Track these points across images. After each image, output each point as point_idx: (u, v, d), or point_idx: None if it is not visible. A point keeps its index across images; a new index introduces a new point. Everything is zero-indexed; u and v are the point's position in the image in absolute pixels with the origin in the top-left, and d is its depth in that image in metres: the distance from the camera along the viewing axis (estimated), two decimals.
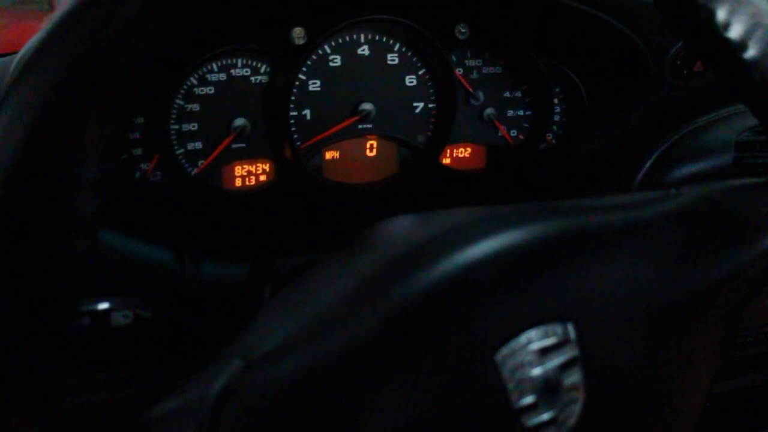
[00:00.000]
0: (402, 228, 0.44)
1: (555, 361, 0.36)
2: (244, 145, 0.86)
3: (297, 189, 0.88)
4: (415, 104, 0.90)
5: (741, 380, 1.07)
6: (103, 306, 0.62)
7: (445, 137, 0.90)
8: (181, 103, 0.82)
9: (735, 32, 0.48)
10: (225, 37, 0.81)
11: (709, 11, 0.48)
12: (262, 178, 0.89)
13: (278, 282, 0.77)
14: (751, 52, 0.48)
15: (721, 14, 0.48)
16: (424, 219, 0.44)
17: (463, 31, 0.87)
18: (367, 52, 0.86)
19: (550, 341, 0.36)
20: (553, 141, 0.97)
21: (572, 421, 0.36)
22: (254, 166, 0.88)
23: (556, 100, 0.95)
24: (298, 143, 0.87)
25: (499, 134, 0.95)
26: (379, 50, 0.87)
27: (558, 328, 0.37)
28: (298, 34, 0.80)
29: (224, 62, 0.83)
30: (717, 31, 0.48)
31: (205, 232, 0.87)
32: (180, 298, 0.79)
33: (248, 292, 0.78)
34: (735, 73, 0.50)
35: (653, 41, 0.87)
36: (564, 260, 0.40)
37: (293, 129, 0.86)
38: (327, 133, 0.87)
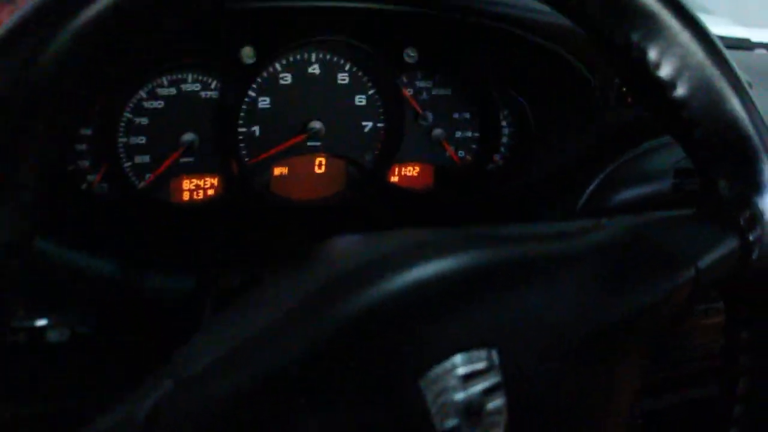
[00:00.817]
0: (335, 252, 0.45)
1: (479, 386, 0.37)
2: (192, 159, 0.86)
3: (244, 204, 0.89)
4: (363, 123, 0.91)
5: (682, 395, 1.10)
6: (40, 323, 0.62)
7: (393, 156, 0.92)
8: (130, 116, 0.82)
9: (665, 72, 0.50)
10: (175, 53, 0.81)
11: (640, 51, 0.50)
12: (210, 192, 0.89)
13: (220, 299, 0.78)
14: (679, 92, 0.50)
15: (652, 54, 0.50)
16: (359, 242, 0.45)
17: (411, 55, 0.88)
18: (317, 71, 0.87)
19: (474, 367, 0.37)
20: (500, 162, 0.99)
21: None
22: (202, 180, 0.88)
23: (504, 123, 0.97)
24: (246, 159, 0.87)
25: (447, 154, 0.96)
26: (330, 69, 0.88)
27: (483, 354, 0.37)
28: (248, 53, 0.81)
29: (174, 77, 0.83)
30: (648, 70, 0.50)
31: (150, 244, 0.87)
32: (122, 313, 0.80)
33: (190, 308, 0.79)
34: (664, 110, 0.52)
35: (599, 69, 0.89)
36: (491, 288, 0.41)
37: (242, 145, 0.87)
38: (275, 150, 0.88)
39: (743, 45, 1.52)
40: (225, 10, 0.74)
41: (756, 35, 1.55)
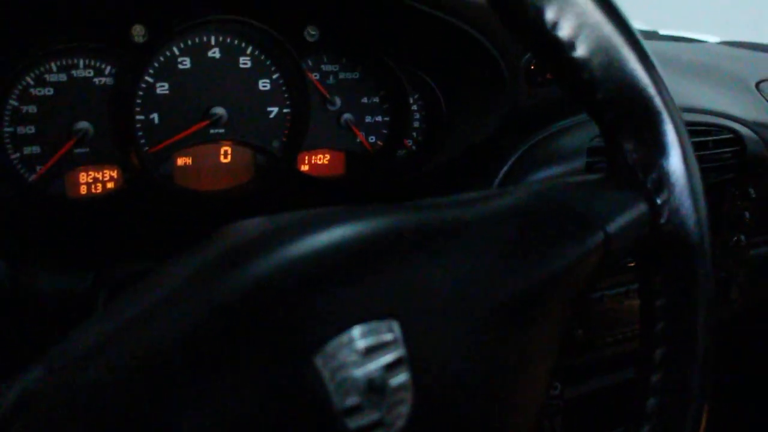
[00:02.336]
0: (237, 229, 0.42)
1: (380, 360, 0.34)
2: (87, 150, 0.82)
3: (146, 196, 0.85)
4: (269, 109, 0.88)
5: (603, 381, 1.09)
6: None
7: (300, 143, 0.89)
8: (16, 104, 0.78)
9: (563, 32, 0.49)
10: (62, 34, 0.77)
11: (537, 10, 0.48)
12: (110, 185, 0.85)
13: (111, 294, 0.73)
14: (579, 52, 0.49)
15: (549, 14, 0.48)
16: (251, 222, 0.42)
17: (312, 33, 0.86)
18: (218, 55, 0.84)
19: (375, 340, 0.34)
20: (413, 147, 0.97)
21: (401, 422, 0.34)
22: (100, 173, 0.84)
23: (414, 107, 0.95)
24: (146, 148, 0.83)
25: (358, 140, 0.94)
26: (231, 53, 0.85)
27: (383, 326, 0.35)
28: (138, 32, 0.78)
29: (64, 62, 0.79)
30: (546, 31, 0.49)
31: (44, 242, 0.82)
32: (10, 318, 0.75)
33: (85, 304, 0.74)
34: (566, 73, 0.50)
35: (507, 49, 0.88)
36: (389, 256, 0.38)
37: (140, 134, 0.83)
38: (176, 138, 0.84)
39: (651, 36, 1.55)
40: None
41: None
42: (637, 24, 0.49)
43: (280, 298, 0.35)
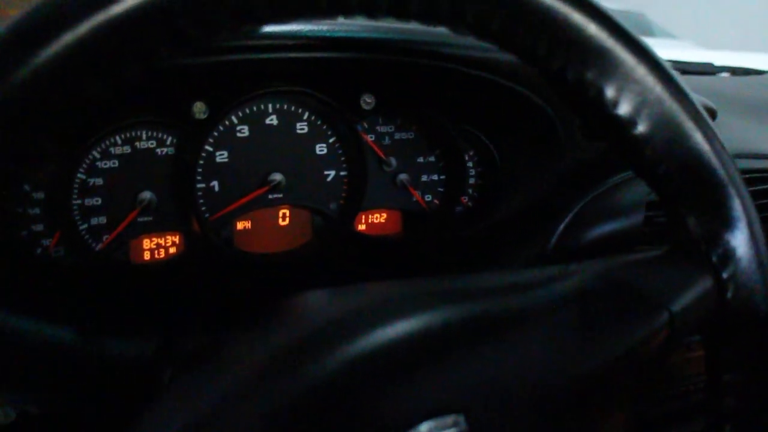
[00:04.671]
0: (297, 310, 0.44)
1: None
2: (151, 218, 0.84)
3: (207, 261, 0.86)
4: (326, 172, 0.89)
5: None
6: None
7: (358, 204, 0.90)
8: (83, 177, 0.80)
9: (623, 109, 0.48)
10: (127, 111, 0.79)
11: (597, 89, 0.48)
12: (172, 250, 0.87)
13: (180, 364, 0.75)
14: (640, 129, 0.49)
15: (609, 92, 0.48)
16: (322, 299, 0.44)
17: (368, 101, 0.87)
18: (275, 122, 0.86)
19: None
20: (469, 204, 0.97)
21: None
22: (163, 239, 0.86)
23: (469, 164, 0.95)
24: (207, 215, 0.85)
25: (414, 199, 0.94)
26: (288, 120, 0.86)
27: (449, 421, 0.36)
28: (199, 108, 0.80)
29: (128, 135, 0.81)
30: (606, 109, 0.49)
31: (110, 308, 0.85)
32: (76, 386, 0.76)
33: (150, 374, 0.76)
34: (626, 148, 0.50)
35: (560, 105, 0.88)
36: (456, 348, 0.39)
37: (201, 201, 0.84)
38: (236, 205, 0.85)
39: (707, 70, 1.52)
40: (173, 66, 0.73)
41: (719, 58, 1.56)
42: (689, 47, 0.49)
43: (353, 391, 0.35)
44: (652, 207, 0.92)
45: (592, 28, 0.46)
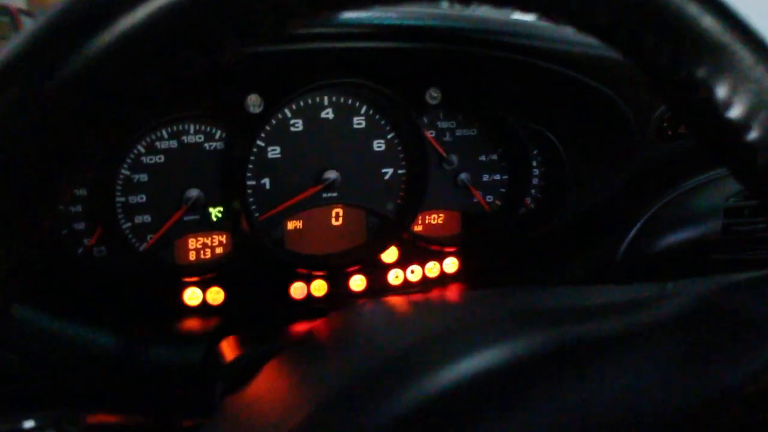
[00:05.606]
0: (376, 330, 0.42)
1: None
2: (197, 217, 0.79)
3: (256, 261, 0.81)
4: (384, 170, 0.83)
5: None
6: (27, 425, 0.54)
7: (417, 205, 0.84)
8: (128, 173, 0.75)
9: (736, 112, 0.43)
10: (176, 104, 0.74)
11: (707, 89, 0.43)
12: (219, 250, 0.82)
13: (232, 374, 0.70)
14: (753, 135, 0.43)
15: (721, 92, 0.42)
16: (404, 314, 0.42)
17: (434, 95, 0.81)
18: (331, 116, 0.80)
19: None
20: (532, 206, 0.91)
21: None
22: (209, 239, 0.81)
23: (534, 163, 0.89)
24: (257, 215, 0.80)
25: (475, 200, 0.89)
26: (344, 114, 0.81)
27: None
28: (254, 102, 0.74)
29: (175, 129, 0.76)
30: (716, 111, 0.43)
31: (154, 312, 0.80)
32: (124, 391, 0.72)
33: (200, 384, 0.71)
34: (735, 155, 0.44)
35: (636, 101, 0.82)
36: (549, 378, 0.36)
37: (251, 200, 0.79)
38: (288, 204, 0.80)
39: None
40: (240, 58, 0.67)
41: None
42: None
43: (444, 425, 0.33)
44: (731, 214, 0.85)
45: (708, 21, 0.40)
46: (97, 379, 0.71)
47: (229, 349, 0.72)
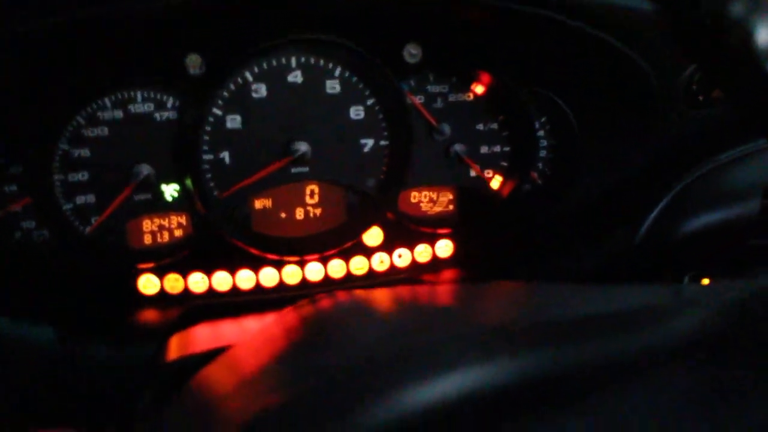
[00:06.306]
0: (352, 334, 0.38)
1: None
2: (149, 196, 0.70)
3: (220, 245, 0.72)
4: (362, 141, 0.73)
5: None
6: None
7: (401, 181, 0.74)
8: (66, 147, 0.66)
9: None
10: (113, 67, 0.64)
11: (745, 32, 0.36)
12: (177, 233, 0.73)
13: (167, 380, 0.61)
14: None
15: (762, 36, 0.36)
16: (384, 319, 0.39)
17: (413, 53, 0.70)
18: (299, 80, 0.70)
19: None
20: (539, 182, 0.80)
21: None
22: (166, 220, 0.72)
23: (541, 133, 0.78)
24: (215, 192, 0.70)
25: (472, 174, 0.77)
26: (316, 76, 0.70)
27: None
28: (194, 62, 0.64)
29: (120, 96, 0.67)
30: (757, 60, 0.36)
31: (105, 303, 0.72)
32: (58, 389, 0.64)
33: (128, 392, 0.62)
34: None
35: (658, 59, 0.69)
36: (550, 407, 0.31)
37: (209, 176, 0.70)
38: (250, 180, 0.70)
39: None
40: (162, 7, 0.57)
41: None
42: None
43: None
44: None
45: None
46: (34, 379, 0.64)
47: (176, 346, 0.64)
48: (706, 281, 0.76)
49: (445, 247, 0.80)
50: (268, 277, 0.75)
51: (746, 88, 0.38)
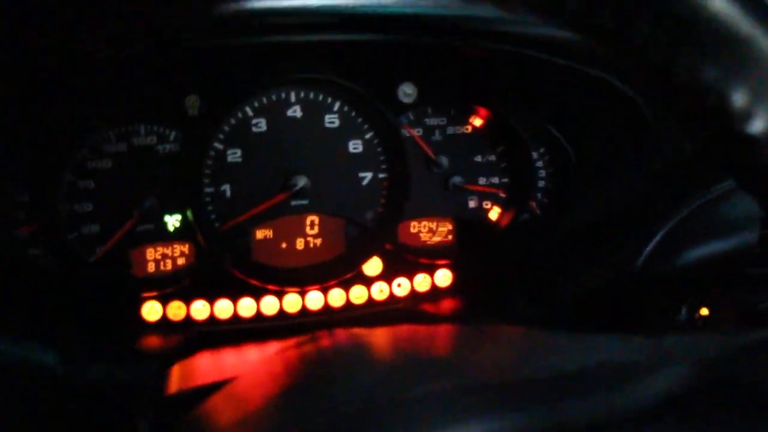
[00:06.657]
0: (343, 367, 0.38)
1: None
2: (152, 226, 0.72)
3: (222, 274, 0.74)
4: (361, 175, 0.74)
5: None
6: None
7: (400, 213, 0.75)
8: (71, 178, 0.68)
9: (757, 126, 0.34)
10: (117, 104, 0.67)
11: (718, 95, 0.34)
12: (180, 261, 0.75)
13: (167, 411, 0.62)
14: None
15: (737, 100, 0.34)
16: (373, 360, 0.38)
17: (408, 92, 0.71)
18: (299, 114, 0.72)
19: None
20: (537, 212, 0.80)
21: None
22: (170, 249, 0.74)
23: (539, 164, 0.78)
24: (217, 224, 0.72)
25: (470, 206, 0.78)
26: (314, 111, 0.72)
27: None
28: (193, 103, 0.66)
29: (123, 129, 0.69)
30: (730, 123, 0.34)
31: (109, 329, 0.73)
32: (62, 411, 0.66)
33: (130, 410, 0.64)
34: (757, 177, 0.36)
35: (654, 94, 0.69)
36: None
37: (210, 208, 0.71)
38: (249, 214, 0.72)
39: None
40: (165, 51, 0.59)
41: None
42: None
43: None
44: None
45: (717, 4, 0.31)
46: (37, 401, 0.66)
47: (177, 377, 0.65)
48: (704, 311, 0.75)
49: (444, 277, 0.80)
50: (269, 305, 0.77)
51: (718, 147, 0.38)
